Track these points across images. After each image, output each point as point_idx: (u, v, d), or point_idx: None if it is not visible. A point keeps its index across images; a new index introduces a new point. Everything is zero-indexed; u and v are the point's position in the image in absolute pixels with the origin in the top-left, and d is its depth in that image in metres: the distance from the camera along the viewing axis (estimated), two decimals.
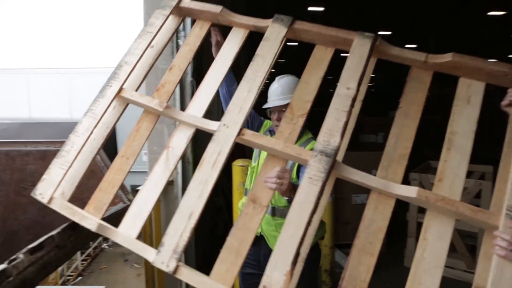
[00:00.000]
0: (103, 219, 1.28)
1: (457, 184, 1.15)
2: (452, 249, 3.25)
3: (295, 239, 1.08)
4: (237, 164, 2.73)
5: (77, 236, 1.35)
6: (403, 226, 3.49)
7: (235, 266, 1.17)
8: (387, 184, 1.16)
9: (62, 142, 1.38)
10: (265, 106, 1.83)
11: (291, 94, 1.69)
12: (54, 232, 1.32)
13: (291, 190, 1.31)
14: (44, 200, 1.28)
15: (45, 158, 2.71)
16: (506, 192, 1.05)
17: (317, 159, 1.17)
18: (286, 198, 1.33)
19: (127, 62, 1.49)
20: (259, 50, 1.40)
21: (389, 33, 10.75)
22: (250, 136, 1.28)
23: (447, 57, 1.25)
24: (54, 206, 1.28)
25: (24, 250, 1.22)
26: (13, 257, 1.17)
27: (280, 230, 1.12)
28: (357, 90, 1.25)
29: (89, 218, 1.23)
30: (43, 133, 5.09)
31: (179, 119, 1.39)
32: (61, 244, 1.31)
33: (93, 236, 1.32)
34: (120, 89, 1.45)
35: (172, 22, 1.64)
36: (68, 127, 1.40)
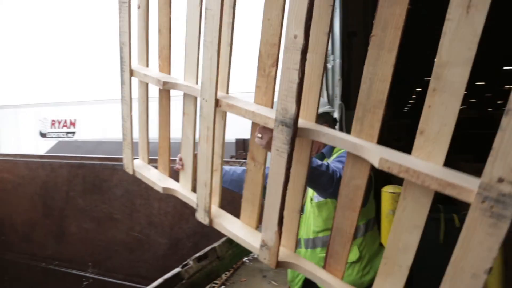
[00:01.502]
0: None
1: (444, 134, 0.89)
2: None
3: (276, 206, 1.20)
4: (387, 190, 2.39)
5: (234, 250, 1.60)
6: None
7: (254, 213, 1.42)
8: (357, 146, 1.02)
9: None
10: None
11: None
12: (215, 244, 1.61)
13: None
14: (130, 171, 1.78)
15: None
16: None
17: (279, 130, 1.11)
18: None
19: (124, 43, 1.57)
20: (207, 3, 1.19)
21: None
22: (225, 106, 1.28)
23: None
24: (138, 175, 1.77)
25: (193, 257, 1.43)
26: (185, 262, 1.38)
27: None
28: (306, 38, 0.98)
29: (157, 185, 1.67)
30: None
31: (181, 90, 1.48)
32: (221, 255, 1.53)
33: (248, 251, 1.48)
34: (131, 72, 1.60)
35: None
36: None
